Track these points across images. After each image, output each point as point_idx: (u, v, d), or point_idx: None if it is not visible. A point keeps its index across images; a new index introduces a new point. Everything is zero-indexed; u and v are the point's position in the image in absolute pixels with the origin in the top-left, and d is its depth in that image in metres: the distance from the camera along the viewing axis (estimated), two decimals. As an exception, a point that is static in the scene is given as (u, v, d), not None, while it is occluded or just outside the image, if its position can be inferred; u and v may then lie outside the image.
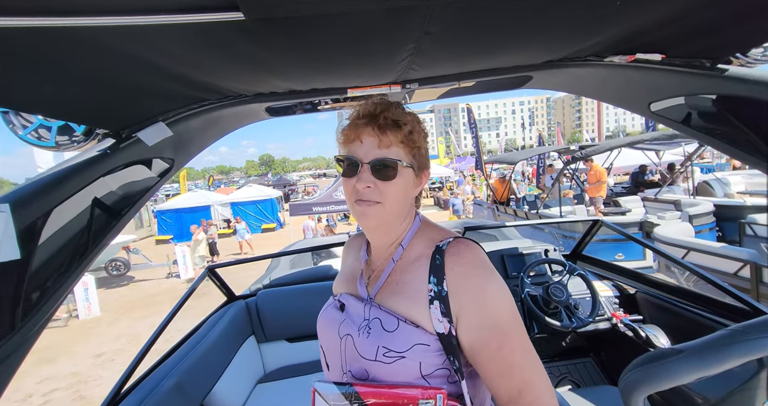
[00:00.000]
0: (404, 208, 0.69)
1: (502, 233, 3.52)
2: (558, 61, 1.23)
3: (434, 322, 0.59)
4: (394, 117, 0.65)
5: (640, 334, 1.59)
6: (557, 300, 1.67)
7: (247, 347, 1.86)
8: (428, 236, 0.70)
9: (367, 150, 0.65)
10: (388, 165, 0.63)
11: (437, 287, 0.60)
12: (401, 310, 0.63)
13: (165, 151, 1.13)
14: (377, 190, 0.64)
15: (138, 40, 0.62)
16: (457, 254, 0.62)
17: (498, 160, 9.84)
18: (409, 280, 0.65)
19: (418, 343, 0.59)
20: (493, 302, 0.59)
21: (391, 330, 0.61)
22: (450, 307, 0.59)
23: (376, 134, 0.64)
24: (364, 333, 0.63)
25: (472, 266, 0.61)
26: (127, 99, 0.87)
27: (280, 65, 0.93)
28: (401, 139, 0.65)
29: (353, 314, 0.68)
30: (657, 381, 0.77)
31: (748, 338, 0.70)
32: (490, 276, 0.61)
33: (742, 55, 1.03)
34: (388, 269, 0.69)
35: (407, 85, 1.31)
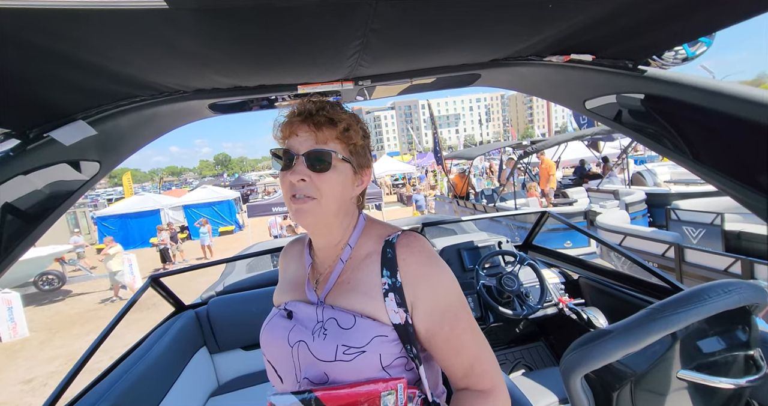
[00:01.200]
0: (342, 205, 0.68)
1: (461, 227, 3.63)
2: (503, 60, 1.27)
3: (390, 314, 0.61)
4: (329, 115, 0.65)
5: (582, 316, 1.72)
6: (509, 290, 1.75)
7: (198, 359, 1.74)
8: (375, 233, 0.71)
9: (302, 143, 0.65)
10: (322, 157, 0.63)
11: (391, 279, 0.62)
12: (356, 307, 0.64)
13: (89, 153, 1.02)
14: (312, 185, 0.63)
15: (45, 27, 0.54)
16: (407, 245, 0.65)
17: (457, 156, 10.16)
18: (361, 277, 0.66)
19: (377, 335, 0.60)
20: (444, 288, 0.64)
21: (348, 327, 0.61)
22: (405, 296, 0.62)
23: (312, 130, 0.65)
24: (319, 336, 0.62)
25: (422, 256, 0.64)
26: (35, 95, 0.77)
27: (218, 60, 0.87)
28: (337, 136, 0.66)
29: (304, 319, 0.67)
30: (591, 361, 0.83)
31: (664, 316, 0.77)
32: (438, 264, 0.65)
33: (658, 57, 1.13)
34: (337, 269, 0.69)
35: (359, 81, 1.29)
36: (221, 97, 1.21)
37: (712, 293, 0.77)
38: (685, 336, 0.80)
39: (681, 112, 1.06)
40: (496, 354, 2.32)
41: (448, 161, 11.16)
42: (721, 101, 0.90)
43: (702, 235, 4.49)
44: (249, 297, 2.00)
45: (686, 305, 0.77)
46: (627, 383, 0.84)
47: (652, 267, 1.56)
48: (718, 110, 0.91)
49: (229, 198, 16.26)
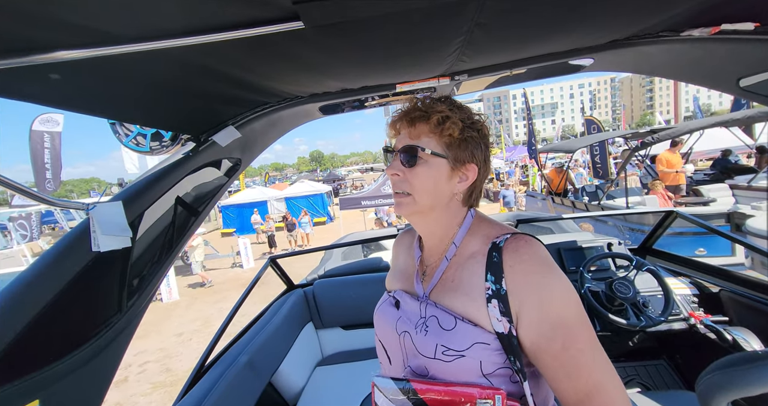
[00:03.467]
0: (439, 201, 0.67)
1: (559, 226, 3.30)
2: (624, 40, 1.13)
3: (493, 321, 0.58)
4: (423, 108, 0.66)
5: (725, 337, 1.42)
6: (622, 297, 1.55)
7: (306, 333, 2.01)
8: (483, 233, 0.67)
9: (400, 140, 0.68)
10: (411, 152, 0.65)
11: (495, 286, 0.58)
12: (458, 308, 0.62)
13: (233, 152, 1.25)
14: (405, 180, 0.66)
15: (214, 54, 0.70)
16: (515, 251, 0.60)
17: (553, 149, 9.16)
18: (465, 277, 0.63)
19: (478, 341, 0.58)
20: (556, 300, 0.56)
21: (449, 329, 0.60)
22: (510, 306, 0.57)
23: (407, 126, 0.67)
24: (421, 331, 0.63)
25: (532, 263, 0.58)
26: (204, 107, 0.99)
27: (333, 66, 0.97)
28: (430, 129, 0.65)
29: (409, 311, 0.69)
30: (743, 386, 0.70)
31: None
32: (551, 273, 0.58)
33: None
34: (442, 266, 0.68)
35: (456, 76, 1.29)
36: (330, 100, 1.34)
37: None
38: None
39: None
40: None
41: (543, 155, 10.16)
42: None
43: None
44: (347, 282, 2.21)
45: None
46: None
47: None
48: None
49: (322, 191, 17.81)
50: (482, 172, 0.69)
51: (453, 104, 0.68)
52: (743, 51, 1.02)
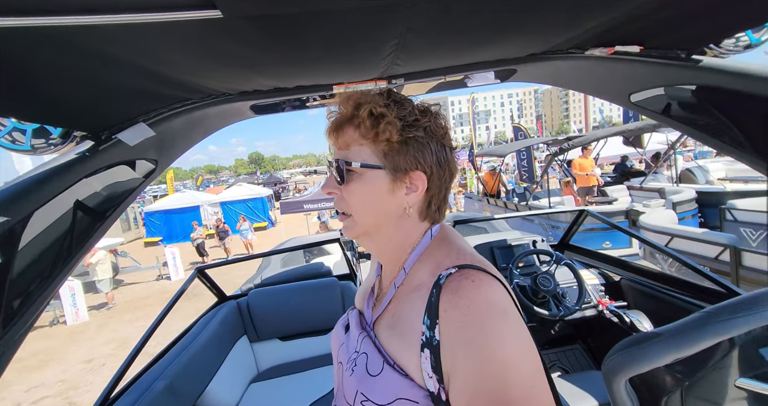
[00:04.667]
0: (384, 218, 0.56)
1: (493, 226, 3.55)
2: (541, 54, 1.24)
3: (424, 375, 0.46)
4: (347, 108, 0.54)
5: (624, 319, 1.64)
6: (545, 290, 1.70)
7: (239, 347, 1.86)
8: (435, 260, 0.54)
9: (335, 152, 0.58)
10: (339, 167, 0.55)
11: (429, 332, 0.46)
12: (392, 349, 0.52)
13: (148, 152, 1.11)
14: (342, 199, 0.57)
15: (113, 39, 0.61)
16: (454, 292, 0.46)
17: (488, 153, 9.89)
18: (405, 313, 0.53)
19: (402, 397, 0.46)
20: (499, 368, 0.42)
21: (374, 374, 0.50)
22: (441, 362, 0.45)
23: (335, 132, 0.57)
24: (348, 369, 0.55)
25: (471, 311, 0.44)
26: (105, 100, 0.85)
27: (262, 63, 0.92)
28: (362, 134, 0.53)
29: (351, 339, 0.60)
30: (637, 364, 0.80)
31: (720, 320, 0.73)
32: (497, 329, 0.43)
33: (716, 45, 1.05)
34: (389, 294, 0.58)
35: (393, 80, 1.31)
36: (262, 99, 1.27)
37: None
38: (745, 343, 0.75)
39: (740, 103, 0.99)
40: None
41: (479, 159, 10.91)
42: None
43: (763, 237, 4.09)
44: (286, 290, 2.10)
45: (746, 309, 0.72)
46: (678, 389, 0.80)
47: (704, 270, 1.45)
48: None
49: (263, 195, 16.91)
50: (437, 177, 0.57)
51: (391, 98, 0.55)
52: (633, 70, 1.19)
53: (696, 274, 1.52)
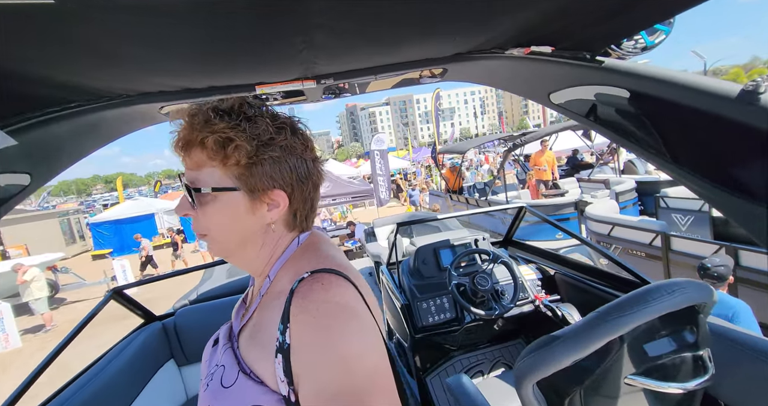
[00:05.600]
0: (246, 237, 0.55)
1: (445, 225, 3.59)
2: (467, 54, 1.24)
3: (278, 380, 0.47)
4: (192, 129, 0.52)
5: (557, 313, 1.69)
6: (482, 289, 1.71)
7: (165, 372, 1.70)
8: (298, 267, 0.54)
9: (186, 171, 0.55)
10: (190, 190, 0.52)
11: (281, 337, 0.46)
12: (250, 358, 0.51)
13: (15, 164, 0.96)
14: (197, 220, 0.54)
15: None
16: (304, 296, 0.47)
17: (449, 150, 10.09)
18: (266, 322, 0.52)
19: (256, 404, 0.46)
20: (341, 364, 0.44)
21: (227, 385, 0.49)
22: (291, 364, 0.45)
23: (183, 153, 0.54)
24: (203, 386, 0.53)
25: (318, 313, 0.46)
26: None
27: (150, 61, 0.83)
28: (209, 156, 0.51)
29: (216, 353, 0.58)
30: (542, 367, 0.79)
31: (608, 320, 0.74)
32: (342, 328, 0.46)
33: (617, 47, 1.09)
34: (255, 304, 0.57)
35: (322, 80, 1.26)
36: (171, 101, 1.18)
37: (656, 295, 0.74)
38: (632, 340, 0.76)
39: (642, 104, 1.03)
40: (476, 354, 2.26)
41: (443, 155, 11.10)
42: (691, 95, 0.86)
43: (690, 222, 4.47)
44: (221, 305, 1.95)
45: (630, 308, 0.74)
46: (577, 390, 0.81)
47: (619, 259, 1.52)
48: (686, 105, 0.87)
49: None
50: (299, 192, 0.57)
51: (241, 118, 0.52)
52: (549, 70, 1.21)
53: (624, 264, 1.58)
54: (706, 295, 0.76)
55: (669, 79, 0.91)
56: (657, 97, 0.95)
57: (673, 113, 0.92)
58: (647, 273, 1.42)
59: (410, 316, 1.78)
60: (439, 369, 2.01)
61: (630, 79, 1.01)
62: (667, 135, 0.98)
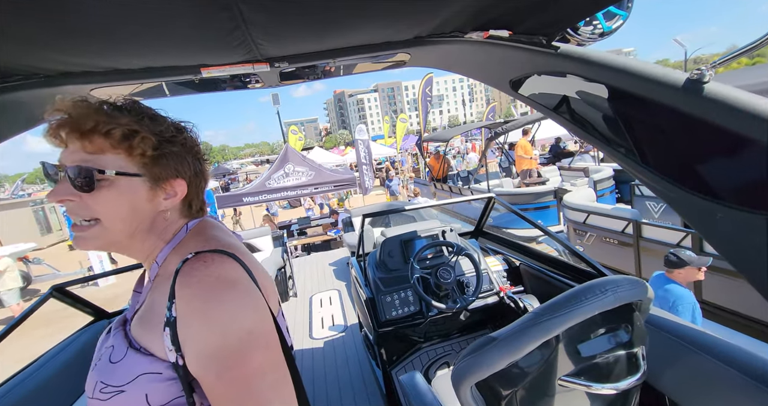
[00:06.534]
0: (139, 224, 0.58)
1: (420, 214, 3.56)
2: (427, 38, 1.19)
3: (166, 350, 0.52)
4: (99, 119, 0.54)
5: (519, 305, 1.68)
6: (445, 282, 1.69)
7: None
8: (183, 250, 0.59)
9: (69, 155, 0.54)
10: (84, 174, 0.53)
11: (168, 312, 0.52)
12: (140, 336, 0.55)
13: None
14: (83, 206, 0.54)
15: None
16: (187, 274, 0.52)
17: (433, 138, 10.01)
18: (156, 302, 0.57)
19: (145, 372, 0.51)
20: (217, 327, 0.50)
21: (116, 361, 0.53)
22: (177, 334, 0.51)
23: (79, 138, 0.54)
24: (92, 366, 0.56)
25: (199, 287, 0.51)
26: None
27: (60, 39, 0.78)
28: (113, 145, 0.55)
29: (107, 339, 0.60)
30: (478, 370, 0.77)
31: (543, 321, 0.71)
32: (217, 298, 0.51)
33: (574, 32, 1.03)
34: (146, 288, 0.61)
35: (276, 63, 1.19)
36: (101, 83, 1.10)
37: (588, 295, 0.71)
38: (567, 340, 0.74)
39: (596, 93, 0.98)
40: (443, 345, 2.26)
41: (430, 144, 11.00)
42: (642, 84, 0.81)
43: (663, 210, 4.57)
44: None
45: (563, 308, 0.71)
46: (512, 393, 0.79)
47: (580, 252, 1.51)
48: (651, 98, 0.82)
49: (208, 188, 15.78)
50: (195, 185, 0.65)
51: (143, 114, 0.58)
52: (507, 55, 1.15)
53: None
54: (640, 292, 0.74)
55: (627, 68, 0.86)
56: (614, 86, 0.91)
57: (638, 107, 0.87)
58: (619, 261, 1.42)
59: (374, 309, 1.76)
60: (405, 361, 2.01)
61: (588, 68, 0.96)
62: (634, 132, 0.93)
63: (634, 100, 0.88)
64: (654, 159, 0.89)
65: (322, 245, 7.54)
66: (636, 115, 0.91)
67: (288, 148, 7.87)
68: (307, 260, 4.92)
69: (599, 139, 1.04)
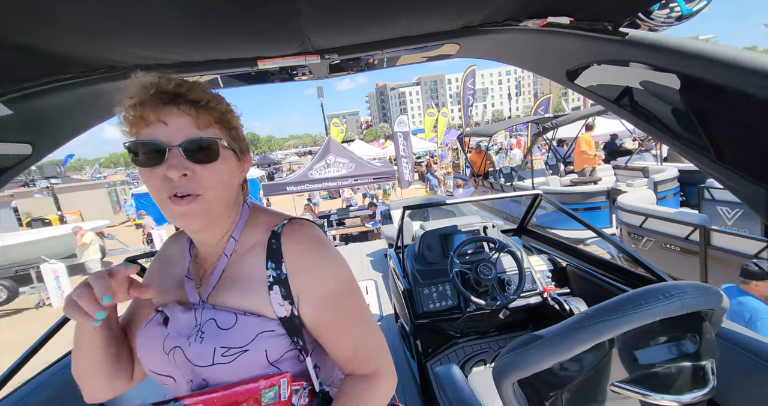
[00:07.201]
0: (231, 196, 0.63)
1: (460, 210, 3.49)
2: (478, 27, 1.16)
3: (275, 307, 0.60)
4: (201, 95, 0.58)
5: (565, 307, 1.61)
6: (484, 278, 1.66)
7: None
8: (262, 223, 0.67)
9: (174, 131, 0.55)
10: (207, 146, 0.56)
11: (276, 272, 0.60)
12: (238, 303, 0.61)
13: (14, 134, 1.00)
14: (195, 179, 0.55)
15: None
16: (291, 235, 0.63)
17: (476, 133, 9.67)
18: (245, 271, 0.63)
19: (262, 331, 0.58)
20: (329, 275, 0.63)
21: (228, 327, 0.58)
22: (290, 288, 0.60)
23: (188, 113, 0.56)
24: (196, 340, 0.58)
25: (306, 244, 0.63)
26: None
27: (139, 35, 0.83)
28: (216, 120, 0.59)
29: (181, 324, 0.62)
30: (521, 368, 0.76)
31: (593, 323, 0.68)
32: (324, 251, 0.63)
33: (646, 16, 0.94)
34: (220, 265, 0.64)
35: (326, 55, 1.23)
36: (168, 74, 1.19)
37: (650, 299, 0.67)
38: (623, 344, 0.70)
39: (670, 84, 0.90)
40: (480, 342, 2.24)
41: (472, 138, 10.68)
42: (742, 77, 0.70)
43: (738, 216, 4.07)
44: None
45: (619, 311, 0.67)
46: (558, 394, 0.76)
47: (638, 256, 1.40)
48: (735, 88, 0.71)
49: (254, 177, 16.69)
50: None
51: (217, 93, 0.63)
52: (567, 44, 1.09)
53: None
54: (712, 301, 0.68)
55: (708, 55, 0.76)
56: (688, 75, 0.82)
57: (718, 98, 0.78)
58: (681, 269, 1.31)
59: (411, 301, 1.78)
60: (440, 355, 2.01)
61: (660, 55, 0.87)
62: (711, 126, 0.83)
63: (711, 90, 0.78)
64: (734, 156, 0.79)
65: (359, 236, 7.70)
66: (713, 108, 0.81)
67: (330, 139, 8.07)
68: (345, 250, 5.05)
69: (667, 134, 0.94)
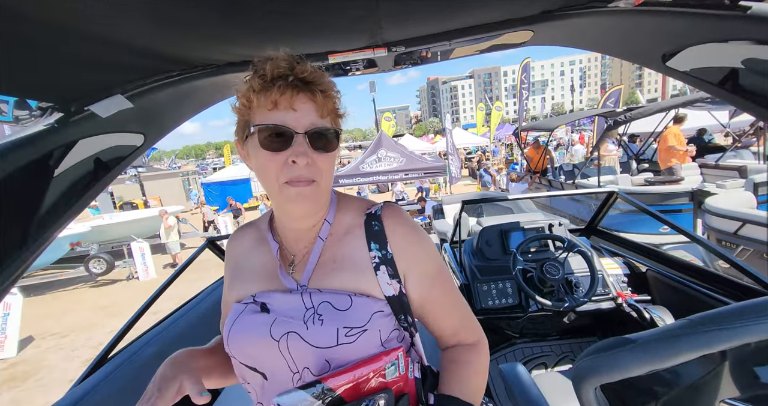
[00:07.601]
0: (331, 182, 0.65)
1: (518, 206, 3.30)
2: (557, 11, 1.08)
3: (383, 287, 0.61)
4: (330, 86, 0.59)
5: (644, 315, 1.46)
6: (551, 278, 1.56)
7: None
8: (352, 207, 0.70)
9: (301, 118, 0.55)
10: (329, 135, 0.58)
11: (381, 252, 0.62)
12: (348, 285, 0.61)
13: (131, 126, 1.15)
14: (314, 166, 0.57)
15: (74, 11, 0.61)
16: (393, 216, 0.66)
17: (534, 128, 9.06)
18: (347, 253, 0.64)
19: (375, 311, 0.60)
20: (431, 254, 0.67)
21: (345, 308, 0.59)
22: (397, 267, 0.62)
23: (315, 101, 0.56)
24: (315, 323, 0.57)
25: (409, 226, 0.66)
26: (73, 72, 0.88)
27: (231, 33, 0.90)
28: (332, 109, 0.61)
29: (286, 309, 0.60)
30: (606, 371, 0.70)
31: (701, 331, 0.60)
32: (422, 232, 0.68)
33: (778, -15, 0.80)
34: (316, 249, 0.64)
35: (393, 47, 1.23)
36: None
37: None
38: (738, 358, 0.61)
39: None
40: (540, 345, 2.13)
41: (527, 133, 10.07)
42: None
43: None
44: None
45: (735, 320, 0.58)
46: (653, 404, 0.69)
47: (745, 266, 1.21)
48: None
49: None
50: None
51: None
52: (667, 25, 0.96)
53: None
54: None
55: None
56: None
57: None
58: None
59: (468, 296, 1.73)
60: (497, 354, 1.94)
61: None
62: None
63: None
64: None
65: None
66: None
67: (382, 134, 8.14)
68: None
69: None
